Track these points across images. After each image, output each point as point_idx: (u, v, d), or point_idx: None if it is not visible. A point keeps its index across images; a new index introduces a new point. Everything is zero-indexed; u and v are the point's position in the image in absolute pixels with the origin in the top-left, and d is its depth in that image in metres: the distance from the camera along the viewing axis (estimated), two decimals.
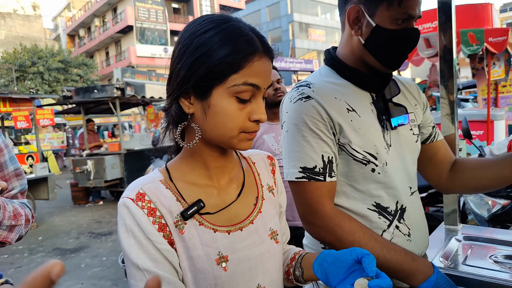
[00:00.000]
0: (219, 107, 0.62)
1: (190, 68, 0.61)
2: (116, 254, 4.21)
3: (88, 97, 7.10)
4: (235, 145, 0.65)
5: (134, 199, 0.63)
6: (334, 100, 0.93)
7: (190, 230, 0.65)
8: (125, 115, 16.20)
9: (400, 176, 0.98)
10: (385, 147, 0.95)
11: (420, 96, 1.12)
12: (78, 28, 32.96)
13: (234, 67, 0.60)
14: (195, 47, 0.61)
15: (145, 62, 25.43)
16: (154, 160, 3.64)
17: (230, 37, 0.60)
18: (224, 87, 0.61)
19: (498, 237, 1.21)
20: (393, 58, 0.94)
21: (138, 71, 12.67)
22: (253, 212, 0.73)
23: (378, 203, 0.94)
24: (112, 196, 7.85)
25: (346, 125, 0.92)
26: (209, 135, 0.65)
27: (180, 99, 0.65)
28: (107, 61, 30.02)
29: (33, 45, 20.53)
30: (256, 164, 0.81)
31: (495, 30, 4.13)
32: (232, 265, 0.66)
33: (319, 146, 0.90)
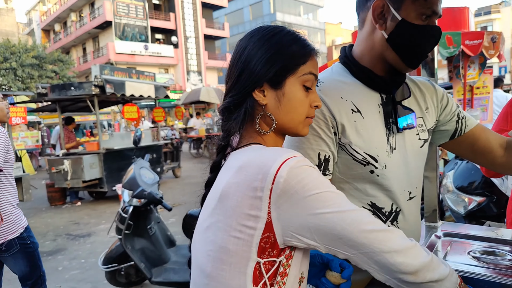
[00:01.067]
0: (292, 94, 0.75)
1: (266, 63, 0.74)
2: (95, 256, 4.11)
3: (65, 95, 6.88)
4: (301, 130, 0.78)
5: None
6: (340, 99, 0.94)
7: None
8: (104, 114, 15.80)
9: (400, 180, 0.98)
10: (387, 150, 0.96)
11: (436, 96, 1.10)
12: (53, 23, 31.87)
13: (303, 59, 0.75)
14: (268, 46, 0.74)
15: (125, 59, 24.88)
16: (136, 159, 3.57)
17: (295, 38, 0.76)
18: (295, 77, 0.75)
19: (476, 233, 1.26)
20: (415, 55, 0.95)
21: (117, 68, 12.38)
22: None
23: (373, 202, 0.96)
24: (91, 196, 7.65)
25: (349, 126, 0.93)
26: (282, 121, 0.76)
27: (254, 92, 0.75)
28: (84, 57, 29.17)
29: (5, 39, 19.72)
30: None
31: (471, 34, 4.27)
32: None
33: (317, 144, 0.92)
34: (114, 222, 3.19)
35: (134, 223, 3.06)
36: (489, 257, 1.07)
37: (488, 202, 2.00)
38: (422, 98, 1.07)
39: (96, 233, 5.15)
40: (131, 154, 6.55)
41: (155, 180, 3.30)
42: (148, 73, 11.88)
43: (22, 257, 2.29)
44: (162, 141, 8.90)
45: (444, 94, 1.11)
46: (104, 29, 26.33)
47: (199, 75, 28.78)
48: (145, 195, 3.02)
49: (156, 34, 27.93)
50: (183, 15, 27.90)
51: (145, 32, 26.29)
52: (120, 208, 3.19)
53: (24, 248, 2.28)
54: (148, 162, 3.64)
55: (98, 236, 5.00)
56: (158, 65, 27.16)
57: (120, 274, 3.22)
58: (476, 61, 4.87)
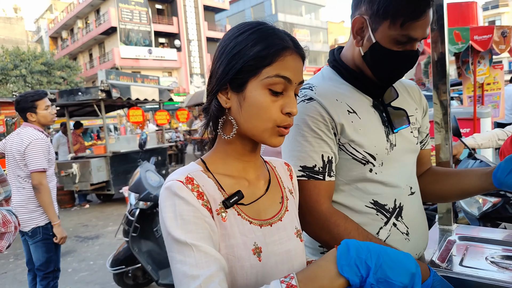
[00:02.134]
0: (253, 98, 0.67)
1: (228, 64, 0.68)
2: (103, 258, 4.12)
3: (72, 100, 6.94)
4: (267, 139, 0.69)
5: (184, 182, 0.66)
6: (335, 102, 0.95)
7: (230, 219, 0.68)
8: (110, 117, 15.93)
9: (400, 175, 0.99)
10: (387, 147, 0.97)
11: (421, 100, 1.13)
12: (60, 30, 32.31)
13: (267, 60, 0.66)
14: (233, 46, 0.68)
15: (130, 63, 25.08)
16: (141, 162, 3.57)
17: (264, 35, 0.67)
18: (258, 80, 0.66)
19: (492, 237, 1.20)
20: (388, 76, 0.96)
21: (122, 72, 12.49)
22: (281, 209, 0.77)
23: (376, 200, 0.96)
24: (99, 199, 7.70)
25: (347, 126, 0.94)
26: (243, 127, 0.69)
27: (218, 95, 0.70)
28: (91, 63, 29.49)
29: (15, 47, 19.99)
30: (276, 168, 0.84)
31: (480, 28, 4.18)
32: (265, 257, 0.69)
33: (319, 145, 0.92)
34: (121, 225, 3.20)
35: (140, 225, 3.06)
36: (507, 261, 1.02)
37: (503, 203, 1.93)
38: (411, 98, 1.10)
39: (104, 235, 5.18)
40: (137, 157, 6.59)
41: (160, 183, 3.30)
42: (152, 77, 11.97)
43: (42, 247, 2.46)
44: (167, 143, 8.94)
45: (427, 104, 1.15)
46: (109, 35, 26.60)
47: (202, 77, 28.88)
48: (151, 198, 3.03)
49: (160, 38, 28.12)
50: (186, 19, 28.05)
51: (148, 37, 26.49)
52: (127, 211, 3.20)
53: (46, 238, 2.46)
54: (153, 165, 3.64)
55: (106, 238, 5.02)
56: (162, 68, 27.33)
57: (127, 276, 3.24)
58: (486, 56, 4.78)
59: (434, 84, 1.31)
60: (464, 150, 2.28)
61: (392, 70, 0.94)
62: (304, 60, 0.71)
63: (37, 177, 2.39)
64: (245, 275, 0.66)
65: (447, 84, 1.29)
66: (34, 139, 2.43)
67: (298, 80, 0.68)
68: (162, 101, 8.45)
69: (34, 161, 2.39)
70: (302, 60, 0.70)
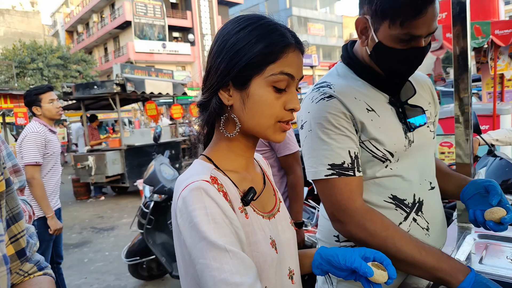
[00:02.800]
0: (258, 96, 0.66)
1: (230, 61, 0.66)
2: (119, 249, 4.21)
3: (88, 93, 7.07)
4: (270, 135, 0.68)
5: (210, 182, 0.64)
6: (354, 100, 0.94)
7: (250, 216, 0.69)
8: (125, 111, 16.15)
9: (419, 170, 0.99)
10: (406, 144, 0.96)
11: (433, 93, 1.12)
12: (76, 24, 32.76)
13: (271, 58, 0.65)
14: (234, 42, 0.66)
15: (144, 57, 25.30)
16: (156, 156, 3.62)
17: (267, 32, 0.65)
18: (262, 77, 0.65)
19: None
20: (397, 74, 0.95)
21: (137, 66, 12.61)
22: (276, 201, 0.79)
23: (394, 195, 0.96)
24: (114, 191, 7.85)
25: (368, 124, 0.93)
26: (247, 124, 0.68)
27: (219, 92, 0.68)
28: (106, 57, 29.86)
29: (32, 41, 20.42)
30: (260, 162, 0.86)
31: (501, 23, 4.06)
32: (279, 248, 0.71)
33: (344, 142, 0.91)
34: (136, 217, 3.25)
35: (155, 218, 3.11)
36: None
37: None
38: (424, 92, 1.09)
39: (119, 227, 5.29)
40: (151, 150, 6.67)
41: (174, 176, 3.34)
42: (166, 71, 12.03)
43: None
44: (181, 137, 9.01)
45: (436, 97, 1.14)
46: (124, 29, 26.85)
47: None
48: (165, 191, 3.07)
49: (174, 33, 28.24)
50: (200, 13, 28.06)
51: (162, 31, 26.63)
52: (142, 203, 3.25)
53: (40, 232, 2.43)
54: (167, 159, 3.68)
55: (121, 230, 5.13)
56: (175, 63, 27.48)
57: (142, 268, 3.30)
58: (506, 51, 4.64)
59: (456, 79, 1.28)
60: (483, 146, 2.24)
61: (399, 68, 0.92)
62: (303, 54, 0.71)
63: (29, 170, 2.36)
64: (267, 269, 0.67)
65: (469, 80, 1.27)
66: (30, 132, 2.42)
67: (299, 76, 0.68)
68: (176, 95, 8.52)
69: (27, 154, 2.38)
70: (302, 56, 0.70)
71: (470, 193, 0.95)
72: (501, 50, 4.54)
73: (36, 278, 0.68)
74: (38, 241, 0.75)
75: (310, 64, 25.30)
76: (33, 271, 0.68)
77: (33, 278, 0.68)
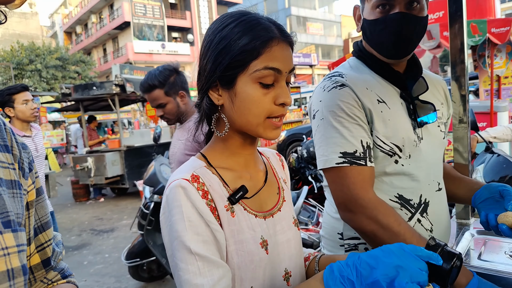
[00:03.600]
0: (244, 94, 0.65)
1: (215, 61, 0.65)
2: (118, 251, 4.21)
3: (87, 94, 7.06)
4: (262, 133, 0.67)
5: (189, 180, 0.64)
6: (365, 90, 0.94)
7: (238, 214, 0.67)
8: (124, 112, 16.13)
9: (428, 170, 0.97)
10: (415, 140, 0.95)
11: (446, 95, 1.11)
12: (74, 25, 32.72)
13: (254, 54, 0.63)
14: (218, 41, 0.65)
15: (143, 58, 25.28)
16: (156, 156, 3.62)
17: (249, 27, 0.64)
18: (247, 74, 0.64)
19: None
20: (386, 47, 0.95)
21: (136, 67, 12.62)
22: (279, 200, 0.77)
23: (401, 194, 0.95)
24: (113, 193, 7.84)
25: (376, 115, 0.93)
26: (237, 123, 0.68)
27: (209, 92, 0.68)
28: (105, 57, 29.84)
29: (30, 42, 20.39)
30: (270, 159, 0.84)
31: (498, 21, 4.08)
32: (271, 249, 0.69)
33: (357, 131, 0.90)
34: (136, 218, 3.24)
35: (155, 219, 3.10)
36: None
37: None
38: (438, 93, 1.09)
39: (118, 228, 5.28)
40: (150, 151, 6.66)
41: None
42: None
43: None
44: None
45: (450, 100, 1.14)
46: (123, 29, 26.83)
47: None
48: None
49: (173, 33, 28.23)
50: (199, 13, 28.06)
51: (162, 31, 26.63)
52: (142, 204, 3.24)
53: None
54: (167, 159, 3.68)
55: (121, 231, 5.12)
56: None
57: (142, 269, 3.29)
58: (503, 49, 4.66)
59: (453, 77, 1.29)
60: (481, 144, 2.25)
61: (385, 39, 0.93)
62: (292, 47, 0.69)
63: None
64: (254, 268, 0.66)
65: (466, 78, 1.28)
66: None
67: (287, 69, 0.66)
68: None
69: None
70: (291, 47, 0.68)
71: (483, 197, 0.94)
72: (498, 48, 4.56)
73: (59, 286, 0.68)
74: (64, 249, 0.75)
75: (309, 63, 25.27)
76: (56, 279, 0.68)
77: (56, 286, 0.68)
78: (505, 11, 34.06)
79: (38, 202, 0.62)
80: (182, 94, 1.67)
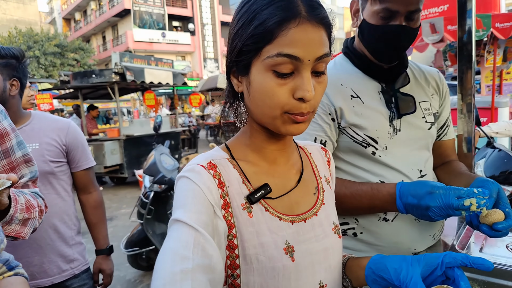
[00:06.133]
0: (257, 83, 0.57)
1: (231, 44, 0.60)
2: (117, 240, 4.22)
3: (86, 82, 7.00)
4: (280, 127, 0.59)
5: (205, 167, 0.60)
6: (340, 86, 1.01)
7: (257, 215, 0.61)
8: (123, 101, 16.06)
9: (406, 160, 1.02)
10: (390, 132, 1.01)
11: (440, 87, 1.13)
12: (73, 12, 32.33)
13: (267, 37, 0.54)
14: (236, 21, 0.59)
15: (143, 47, 25.06)
16: (156, 145, 3.61)
17: (265, 5, 0.54)
18: (259, 60, 0.56)
19: None
20: (381, 53, 0.99)
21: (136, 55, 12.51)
22: (317, 203, 0.69)
23: (382, 181, 1.00)
24: (112, 181, 7.85)
25: (348, 110, 0.99)
26: (254, 114, 0.62)
27: (230, 77, 0.63)
28: (104, 45, 29.56)
29: (28, 29, 20.18)
30: (312, 154, 0.76)
31: (502, 16, 4.05)
32: (299, 257, 0.61)
33: (313, 128, 1.00)
34: (135, 207, 3.25)
35: (155, 208, 3.12)
36: None
37: None
38: (428, 84, 1.11)
39: (117, 217, 5.30)
40: (150, 141, 6.66)
41: (175, 166, 3.34)
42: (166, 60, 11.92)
43: None
44: (180, 128, 8.98)
45: (447, 93, 1.15)
46: (122, 17, 26.52)
47: (216, 62, 28.73)
48: (165, 181, 3.07)
49: (173, 22, 27.93)
50: (200, 2, 27.74)
51: (162, 20, 26.33)
52: (141, 194, 3.25)
53: None
54: (168, 149, 3.68)
55: (120, 220, 5.14)
56: (175, 52, 27.25)
57: (141, 258, 3.31)
58: (502, 45, 4.65)
59: (459, 71, 1.28)
60: (482, 139, 2.25)
61: (379, 46, 0.97)
62: (327, 27, 0.56)
63: None
64: (277, 277, 0.59)
65: (473, 72, 1.27)
66: None
67: (313, 56, 0.54)
68: (176, 85, 8.47)
69: None
70: (323, 28, 0.55)
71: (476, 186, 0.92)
72: (498, 44, 4.54)
73: (6, 279, 0.64)
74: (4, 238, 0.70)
75: None
76: (2, 271, 0.64)
77: (2, 279, 0.64)
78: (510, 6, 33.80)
79: None
80: (14, 83, 1.37)
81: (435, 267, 0.59)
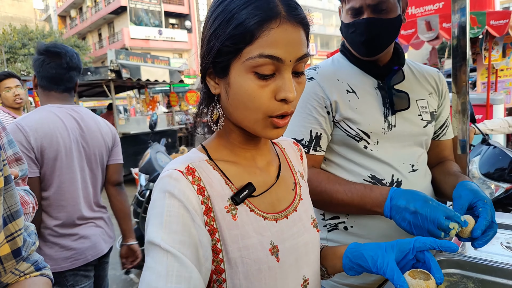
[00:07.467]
0: (237, 85, 0.55)
1: (208, 44, 0.57)
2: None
3: (82, 80, 6.94)
4: (260, 131, 0.58)
5: (183, 172, 0.57)
6: (336, 81, 1.04)
7: (242, 216, 0.59)
8: (120, 99, 16.00)
9: (398, 155, 1.04)
10: (384, 127, 1.02)
11: (439, 87, 1.14)
12: (69, 9, 32.08)
13: (247, 38, 0.52)
14: (212, 20, 0.56)
15: (139, 44, 24.94)
16: (152, 144, 3.60)
17: (243, 4, 0.53)
18: (240, 62, 0.54)
19: (506, 222, 1.20)
20: (358, 47, 1.03)
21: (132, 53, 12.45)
22: (295, 198, 0.69)
23: (373, 175, 1.02)
24: None
25: (343, 104, 1.01)
26: (233, 117, 0.60)
27: (206, 79, 0.60)
28: (100, 43, 29.37)
29: (23, 26, 20.04)
30: (286, 150, 0.76)
31: (497, 13, 4.08)
32: (283, 256, 0.61)
33: (309, 121, 1.02)
34: (131, 206, 3.24)
35: None
36: None
37: None
38: (427, 83, 1.13)
39: (113, 216, 5.27)
40: (146, 139, 6.62)
41: None
42: (162, 58, 11.89)
43: None
44: (177, 125, 8.96)
45: (446, 93, 1.16)
46: (119, 14, 26.36)
47: None
48: None
49: (170, 19, 27.81)
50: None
51: (159, 17, 26.21)
52: (137, 192, 3.24)
53: None
54: (164, 147, 3.67)
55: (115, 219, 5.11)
56: (172, 50, 27.16)
57: None
58: (500, 42, 4.67)
59: (454, 69, 1.28)
60: (477, 136, 2.27)
61: (356, 39, 1.02)
62: (306, 28, 0.56)
63: None
64: (262, 279, 0.59)
65: (467, 70, 1.27)
66: None
67: (294, 57, 0.53)
68: (172, 82, 8.44)
69: None
70: (303, 29, 0.55)
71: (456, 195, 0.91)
72: (496, 41, 4.56)
73: (31, 278, 0.66)
74: (37, 240, 0.72)
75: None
76: (29, 271, 0.66)
77: (28, 278, 0.66)
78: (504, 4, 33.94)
79: (7, 190, 0.60)
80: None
81: (407, 252, 0.64)
